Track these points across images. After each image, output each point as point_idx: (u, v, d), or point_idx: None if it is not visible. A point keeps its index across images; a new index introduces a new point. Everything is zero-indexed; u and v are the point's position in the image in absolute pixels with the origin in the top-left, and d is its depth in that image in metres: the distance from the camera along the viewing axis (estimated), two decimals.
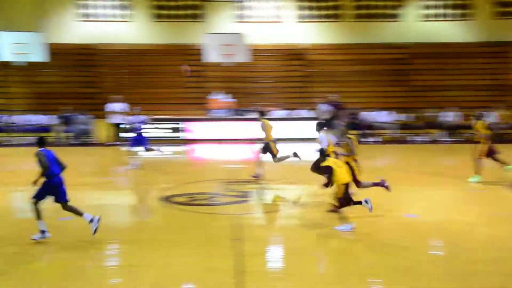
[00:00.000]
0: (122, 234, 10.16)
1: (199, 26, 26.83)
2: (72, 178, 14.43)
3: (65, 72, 26.53)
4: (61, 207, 9.72)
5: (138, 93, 26.20)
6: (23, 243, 9.38)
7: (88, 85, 26.54)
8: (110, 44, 27.00)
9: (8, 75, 26.07)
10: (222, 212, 11.40)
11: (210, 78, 26.91)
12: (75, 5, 26.51)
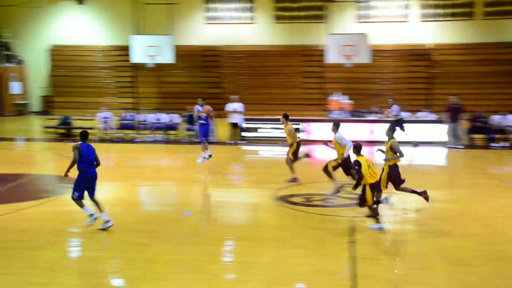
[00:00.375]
0: (237, 231, 10.38)
1: (321, 27, 26.74)
2: (193, 175, 15.05)
3: (190, 73, 27.73)
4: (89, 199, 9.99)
5: (258, 94, 26.74)
6: (147, 235, 9.92)
7: (211, 85, 27.53)
8: (233, 45, 27.78)
9: (139, 76, 27.79)
10: (337, 214, 11.25)
11: (330, 79, 26.72)
12: (204, 9, 27.60)
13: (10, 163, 16.82)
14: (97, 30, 28.25)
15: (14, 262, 8.61)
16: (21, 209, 11.45)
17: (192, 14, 27.69)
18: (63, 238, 10.00)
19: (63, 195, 12.90)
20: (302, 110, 24.79)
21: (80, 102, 27.43)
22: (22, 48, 28.32)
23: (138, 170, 16.35)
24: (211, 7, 27.72)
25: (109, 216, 10.05)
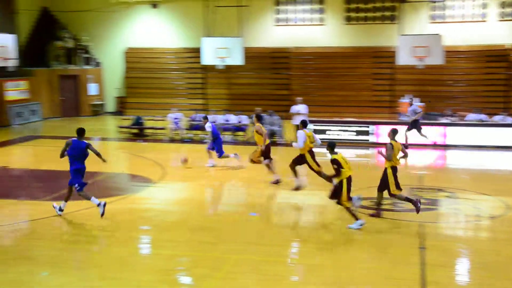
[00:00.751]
0: (303, 234, 10.36)
1: (392, 28, 26.23)
2: (259, 176, 15.12)
3: (259, 75, 27.92)
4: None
5: (327, 95, 26.56)
6: (215, 235, 10.08)
7: (279, 87, 27.61)
8: (302, 47, 27.74)
9: (208, 77, 28.29)
10: (407, 219, 10.99)
11: (401, 81, 26.15)
12: (274, 11, 27.74)
13: (86, 162, 17.54)
14: (169, 32, 28.98)
15: (89, 256, 8.99)
16: (95, 206, 11.91)
17: (262, 16, 27.87)
18: (135, 234, 10.33)
19: (136, 193, 13.34)
20: (372, 113, 24.40)
21: (152, 103, 28.24)
22: (99, 51, 29.49)
23: (207, 170, 16.63)
24: (281, 9, 27.81)
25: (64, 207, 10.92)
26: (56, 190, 13.11)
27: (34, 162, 17.21)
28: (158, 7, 28.81)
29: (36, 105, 26.54)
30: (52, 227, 10.48)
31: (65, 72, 27.96)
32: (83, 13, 28.81)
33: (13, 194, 12.87)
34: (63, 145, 10.85)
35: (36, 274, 8.34)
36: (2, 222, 11.16)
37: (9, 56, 22.77)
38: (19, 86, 25.54)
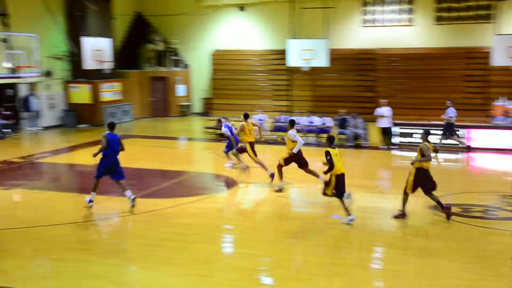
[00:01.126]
0: (387, 238, 10.13)
1: (487, 27, 25.05)
2: (346, 179, 14.92)
3: (344, 76, 27.59)
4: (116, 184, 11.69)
5: (415, 98, 25.78)
6: (297, 236, 10.06)
7: (365, 89, 27.15)
8: (389, 48, 27.12)
9: (293, 79, 28.32)
10: (499, 227, 10.45)
11: (495, 82, 24.89)
12: (361, 12, 27.33)
13: (173, 161, 18.11)
14: (255, 35, 29.30)
15: (176, 253, 9.27)
16: (182, 204, 12.28)
17: (348, 17, 27.52)
18: (219, 233, 10.53)
19: (220, 192, 13.59)
20: (464, 116, 23.35)
21: (237, 104, 28.68)
22: (188, 53, 30.36)
23: (289, 171, 16.64)
24: (368, 10, 27.33)
25: (132, 194, 11.71)
26: (145, 188, 13.62)
27: (125, 160, 17.94)
28: (245, 10, 29.22)
29: (128, 106, 27.74)
30: (141, 224, 10.90)
31: (156, 74, 29.01)
32: (173, 17, 29.78)
33: (106, 190, 13.51)
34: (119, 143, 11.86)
35: (124, 268, 8.71)
36: (96, 217, 11.78)
37: (106, 59, 23.95)
38: (113, 88, 26.80)
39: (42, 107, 24.15)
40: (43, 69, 23.12)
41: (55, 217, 11.42)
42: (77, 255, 9.15)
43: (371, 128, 20.25)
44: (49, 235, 10.33)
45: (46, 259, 9.11)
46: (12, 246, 9.69)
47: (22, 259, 8.99)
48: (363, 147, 19.72)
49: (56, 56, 24.88)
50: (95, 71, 24.88)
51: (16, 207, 12.48)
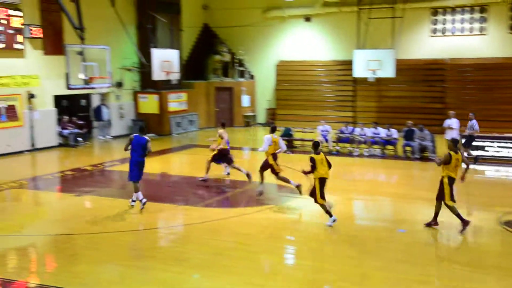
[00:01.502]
0: (455, 254, 9.81)
1: None
2: (409, 191, 14.61)
3: (411, 87, 27.02)
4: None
5: (487, 109, 24.83)
6: (361, 249, 9.91)
7: (433, 100, 26.46)
8: (459, 58, 26.32)
9: (358, 90, 28.00)
10: None
11: None
12: (431, 21, 26.70)
13: (236, 171, 18.28)
14: (321, 45, 29.21)
15: (238, 262, 9.34)
16: (244, 214, 12.38)
17: (417, 27, 26.93)
18: (281, 244, 10.53)
19: (282, 203, 13.59)
20: None
21: (300, 114, 28.66)
22: (253, 64, 30.66)
23: (354, 183, 16.45)
24: (438, 19, 26.65)
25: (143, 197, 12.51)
26: (209, 197, 13.81)
27: (190, 170, 18.32)
28: (311, 20, 29.22)
29: (193, 116, 28.29)
30: (204, 232, 11.06)
31: (221, 84, 29.47)
32: (240, 28, 30.20)
33: (171, 199, 13.82)
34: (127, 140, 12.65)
35: (187, 276, 8.86)
36: (162, 225, 12.07)
37: (173, 70, 24.58)
38: (179, 98, 27.43)
39: (112, 117, 25.04)
40: (114, 80, 24.01)
41: (122, 224, 11.78)
42: (142, 261, 9.40)
43: (439, 140, 19.70)
44: (117, 242, 10.67)
45: (113, 265, 9.41)
46: (82, 251, 10.08)
47: (91, 264, 9.32)
48: (430, 159, 19.20)
49: (126, 67, 25.79)
50: (163, 82, 25.57)
51: (87, 214, 12.98)
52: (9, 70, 20.13)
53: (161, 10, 25.36)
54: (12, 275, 8.86)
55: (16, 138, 20.58)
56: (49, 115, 21.93)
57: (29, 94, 20.89)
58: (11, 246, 10.35)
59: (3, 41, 19.60)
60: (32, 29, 20.65)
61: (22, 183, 15.89)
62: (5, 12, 19.63)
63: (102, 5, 23.17)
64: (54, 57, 21.60)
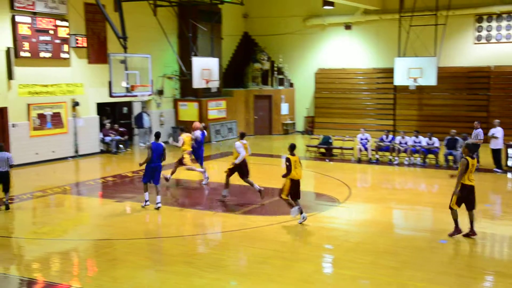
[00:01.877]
0: (499, 266, 9.53)
1: None
2: (449, 201, 14.29)
3: (453, 95, 26.51)
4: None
5: None
6: (400, 259, 9.75)
7: (476, 108, 25.88)
8: (505, 66, 25.67)
9: (398, 98, 27.64)
10: None
11: None
12: (476, 28, 26.16)
13: (275, 178, 18.27)
14: (360, 53, 29.00)
15: (276, 270, 9.31)
16: (282, 222, 12.35)
17: (460, 34, 26.42)
18: (319, 253, 10.46)
19: (322, 212, 13.51)
20: None
21: (339, 123, 28.47)
22: (292, 72, 30.65)
23: (394, 192, 16.23)
24: (483, 25, 26.08)
25: (160, 201, 13.32)
26: (247, 204, 13.84)
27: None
28: (351, 28, 29.05)
29: (232, 123, 28.46)
30: (242, 240, 11.08)
31: (260, 92, 29.56)
32: (279, 36, 30.29)
33: (210, 206, 13.90)
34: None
35: (225, 283, 8.88)
36: (201, 231, 12.16)
37: (213, 78, 24.82)
38: (219, 106, 27.65)
39: (153, 124, 25.42)
40: (155, 88, 24.40)
41: (161, 230, 11.93)
42: (181, 267, 9.48)
43: (483, 150, 19.24)
44: (156, 247, 10.81)
45: (152, 270, 9.52)
46: (122, 256, 10.24)
47: (130, 269, 9.46)
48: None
49: (167, 75, 26.19)
50: (203, 90, 25.82)
51: (127, 219, 13.19)
52: (55, 79, 20.76)
53: (202, 19, 25.67)
54: (55, 278, 9.08)
55: (60, 145, 21.13)
56: (92, 122, 22.45)
57: (74, 102, 21.45)
58: (54, 250, 10.61)
59: (50, 51, 20.20)
60: (78, 38, 21.23)
61: (66, 188, 16.30)
62: (52, 23, 20.25)
63: (144, 15, 23.65)
64: (97, 66, 22.16)
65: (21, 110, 19.68)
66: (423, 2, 24.35)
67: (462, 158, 10.89)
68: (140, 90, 17.81)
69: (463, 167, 10.70)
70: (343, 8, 27.54)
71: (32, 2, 19.55)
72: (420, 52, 25.05)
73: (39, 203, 14.65)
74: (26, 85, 19.76)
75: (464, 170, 10.68)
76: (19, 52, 19.21)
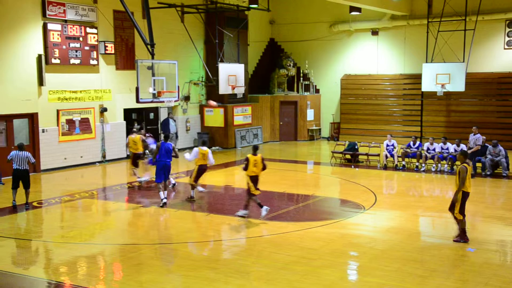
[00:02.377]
0: None
1: None
2: (478, 209, 14.07)
3: (482, 102, 26.11)
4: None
5: None
6: (427, 267, 9.62)
7: (506, 115, 25.44)
8: None
9: (425, 104, 27.34)
10: None
11: None
12: (506, 33, 25.71)
13: (300, 185, 18.24)
14: (387, 59, 28.78)
15: (301, 277, 9.28)
16: (308, 228, 12.31)
17: (490, 39, 25.99)
18: (344, 260, 10.39)
19: (347, 218, 13.42)
20: None
21: (365, 129, 28.27)
22: (318, 77, 30.57)
23: (420, 200, 16.04)
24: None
25: (166, 197, 14.41)
26: (272, 210, 13.83)
27: None
28: (378, 34, 28.87)
29: (258, 129, 28.50)
30: (266, 246, 11.07)
31: (286, 98, 29.54)
32: (305, 42, 30.28)
33: (234, 211, 13.92)
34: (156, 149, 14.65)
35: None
36: (225, 237, 12.19)
37: (239, 84, 24.92)
38: (244, 112, 27.73)
39: (179, 130, 25.62)
40: (181, 94, 24.60)
41: (186, 235, 12.00)
42: (205, 273, 9.51)
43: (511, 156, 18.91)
44: (181, 252, 10.87)
45: (177, 275, 9.58)
46: (147, 261, 10.32)
47: (155, 273, 9.53)
48: (504, 176, 18.44)
49: (193, 81, 26.38)
50: (228, 95, 25.93)
51: (152, 224, 13.31)
52: (84, 85, 21.10)
53: (228, 25, 25.81)
54: (82, 282, 9.20)
55: (88, 150, 21.44)
56: (119, 128, 22.74)
57: (102, 108, 21.77)
58: (81, 254, 10.76)
59: (79, 57, 20.56)
60: (107, 45, 21.56)
61: (93, 193, 16.52)
62: (82, 30, 20.61)
63: (172, 21, 23.91)
64: (125, 72, 22.46)
65: (50, 115, 20.05)
66: (452, 7, 24.06)
67: (461, 165, 10.93)
68: (166, 96, 17.94)
69: (464, 174, 10.77)
70: (370, 13, 27.40)
71: (63, 10, 19.94)
72: (448, 57, 24.74)
73: (67, 207, 14.89)
74: (56, 91, 20.13)
75: (465, 177, 10.74)
76: (50, 59, 19.60)
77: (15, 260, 10.49)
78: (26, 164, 14.25)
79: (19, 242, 11.63)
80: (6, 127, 18.85)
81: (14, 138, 18.98)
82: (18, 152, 14.21)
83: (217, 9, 24.68)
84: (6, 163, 15.27)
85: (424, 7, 25.91)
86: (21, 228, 13.02)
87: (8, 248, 11.17)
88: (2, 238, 11.77)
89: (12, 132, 19.00)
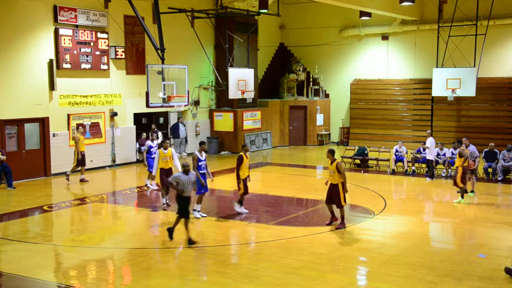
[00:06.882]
0: None
1: None
2: (490, 214, 13.95)
3: (494, 107, 25.96)
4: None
5: None
6: (438, 273, 9.56)
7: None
8: None
9: (435, 109, 27.21)
10: None
11: None
12: None
13: (309, 189, 18.21)
14: (397, 64, 28.71)
15: (308, 282, 9.26)
16: (317, 233, 12.28)
17: (501, 44, 25.85)
18: (353, 265, 10.35)
19: (357, 223, 13.37)
20: None
21: (375, 134, 28.19)
22: (327, 82, 30.56)
23: (430, 205, 15.95)
24: None
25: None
26: (281, 215, 13.82)
27: (262, 188, 18.42)
28: (388, 39, 28.81)
29: (267, 134, 28.50)
30: (276, 251, 11.06)
31: (295, 103, 29.54)
32: (315, 47, 30.29)
33: (243, 216, 13.92)
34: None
35: None
36: (233, 242, 12.19)
37: (249, 89, 24.96)
38: (254, 116, 27.75)
39: (189, 134, 25.68)
40: (191, 98, 24.67)
41: (196, 240, 11.99)
42: (214, 277, 9.52)
43: None
44: (189, 257, 10.88)
45: (186, 280, 9.59)
46: (156, 265, 10.35)
47: (164, 278, 9.55)
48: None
49: (203, 86, 26.46)
50: (238, 100, 25.97)
51: (162, 228, 13.32)
52: (95, 90, 21.22)
53: (238, 30, 25.88)
54: (92, 285, 9.23)
55: (98, 154, 21.54)
56: (129, 132, 22.83)
57: (112, 112, 21.87)
58: (91, 258, 10.80)
59: (90, 62, 20.69)
60: (117, 50, 21.68)
61: (103, 197, 16.59)
62: (93, 35, 20.74)
63: (182, 26, 24.00)
64: (135, 77, 22.57)
65: (61, 120, 20.18)
66: (463, 12, 23.96)
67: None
68: (176, 100, 18.00)
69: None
70: (380, 18, 27.34)
71: (74, 15, 20.09)
72: (459, 62, 24.61)
73: (77, 211, 14.96)
74: (67, 96, 20.26)
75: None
76: (61, 63, 19.74)
77: (25, 263, 10.55)
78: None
79: (29, 245, 11.70)
80: (18, 131, 18.99)
81: (26, 142, 19.13)
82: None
83: (227, 14, 24.75)
84: (18, 167, 15.39)
85: (435, 12, 25.81)
86: (32, 232, 13.10)
87: (18, 251, 11.23)
88: (13, 241, 11.85)
89: (24, 136, 19.14)
